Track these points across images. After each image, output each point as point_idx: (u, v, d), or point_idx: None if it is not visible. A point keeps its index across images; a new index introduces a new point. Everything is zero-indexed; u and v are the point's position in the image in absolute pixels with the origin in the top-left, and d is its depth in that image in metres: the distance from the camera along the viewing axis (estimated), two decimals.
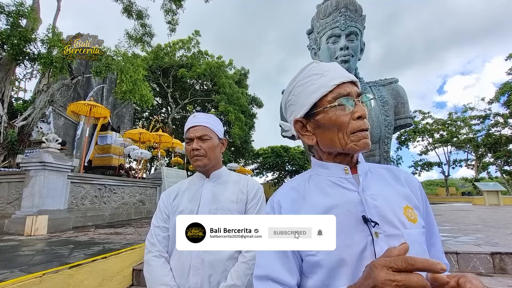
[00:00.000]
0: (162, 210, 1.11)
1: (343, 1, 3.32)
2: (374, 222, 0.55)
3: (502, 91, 23.60)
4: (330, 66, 0.66)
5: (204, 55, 23.19)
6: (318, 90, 0.62)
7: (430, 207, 0.67)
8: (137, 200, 7.85)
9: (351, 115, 0.60)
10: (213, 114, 1.19)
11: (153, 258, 1.01)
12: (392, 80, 3.58)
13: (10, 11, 8.46)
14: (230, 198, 1.07)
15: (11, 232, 4.57)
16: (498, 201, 15.25)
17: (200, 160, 1.07)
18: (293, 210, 0.62)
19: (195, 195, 1.09)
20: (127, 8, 13.73)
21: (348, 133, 0.60)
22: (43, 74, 10.01)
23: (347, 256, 0.53)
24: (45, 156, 5.02)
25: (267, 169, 37.51)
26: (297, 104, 0.68)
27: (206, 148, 1.08)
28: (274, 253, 0.58)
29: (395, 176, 0.67)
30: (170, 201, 1.12)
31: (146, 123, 22.95)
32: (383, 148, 3.29)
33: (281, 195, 0.66)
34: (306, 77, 0.65)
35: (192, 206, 1.06)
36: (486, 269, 2.62)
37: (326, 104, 0.61)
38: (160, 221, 1.09)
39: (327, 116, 0.61)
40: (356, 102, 0.61)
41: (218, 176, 1.14)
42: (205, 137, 1.08)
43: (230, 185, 1.12)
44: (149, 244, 1.05)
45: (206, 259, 0.98)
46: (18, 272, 2.14)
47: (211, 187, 1.10)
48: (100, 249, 3.10)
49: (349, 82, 0.62)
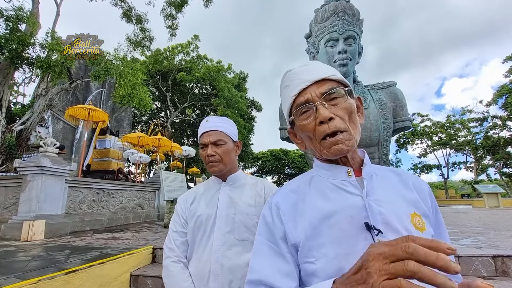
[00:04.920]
0: (180, 215, 1.10)
1: (340, 5, 3.35)
2: (377, 229, 0.51)
3: (500, 94, 23.76)
4: (297, 72, 0.62)
5: (203, 59, 23.30)
6: (286, 104, 0.63)
7: (440, 214, 0.63)
8: (135, 204, 7.80)
9: (315, 121, 0.57)
10: (228, 119, 1.17)
11: (172, 264, 1.01)
12: (390, 83, 3.59)
13: (9, 15, 8.48)
14: (248, 202, 1.06)
15: (8, 237, 4.51)
16: (498, 203, 15.23)
17: (215, 166, 1.06)
18: (292, 214, 0.59)
19: (212, 200, 1.08)
20: (127, 13, 13.83)
21: (318, 140, 0.57)
22: (41, 78, 10.01)
23: (347, 265, 0.49)
24: (43, 160, 4.99)
25: (266, 173, 37.46)
26: (284, 116, 0.69)
27: (221, 153, 1.05)
28: (270, 256, 0.56)
29: (403, 180, 0.63)
30: (188, 205, 1.10)
31: (145, 127, 22.94)
32: (382, 151, 3.29)
33: (280, 197, 0.63)
34: (281, 90, 0.66)
35: (210, 210, 1.05)
36: (488, 272, 2.60)
37: (294, 116, 0.61)
38: (178, 226, 1.07)
39: (298, 127, 0.61)
40: (318, 105, 0.56)
41: (235, 180, 1.12)
42: (220, 142, 1.06)
43: (247, 189, 1.11)
44: (168, 249, 1.04)
45: (226, 264, 0.96)
46: (13, 279, 2.10)
47: (228, 191, 1.08)
48: (98, 254, 3.06)
49: (314, 83, 0.58)
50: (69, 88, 10.26)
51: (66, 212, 5.51)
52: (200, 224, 1.03)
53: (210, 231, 1.02)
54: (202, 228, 1.03)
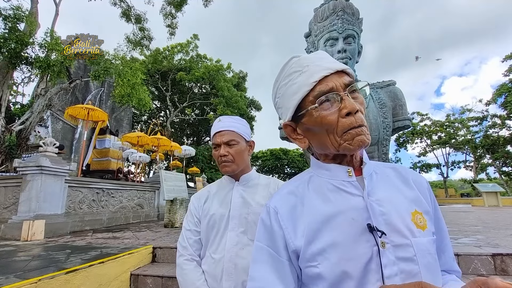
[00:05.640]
0: (193, 213, 1.10)
1: (340, 4, 3.34)
2: (380, 231, 0.50)
3: (499, 93, 23.78)
4: (312, 58, 0.57)
5: (203, 58, 23.27)
6: (299, 90, 0.56)
7: (439, 209, 0.62)
8: (135, 204, 7.80)
9: (339, 113, 0.52)
10: (241, 119, 1.14)
11: (185, 262, 1.01)
12: (390, 83, 3.59)
13: (7, 15, 8.46)
14: (260, 202, 1.05)
15: (7, 237, 4.51)
16: (497, 202, 15.25)
17: (228, 166, 1.05)
18: (291, 218, 0.57)
19: (225, 199, 1.08)
20: (126, 12, 13.81)
21: (339, 133, 0.53)
22: (41, 78, 9.98)
23: (350, 269, 0.48)
24: (43, 160, 4.98)
25: (266, 172, 37.50)
26: (283, 107, 0.62)
27: (234, 153, 1.05)
28: (270, 264, 0.54)
29: (403, 177, 0.61)
30: (201, 204, 1.10)
31: (145, 126, 22.92)
32: (381, 150, 3.29)
33: (278, 200, 0.60)
34: (287, 76, 0.59)
35: (223, 210, 1.05)
36: (487, 270, 2.61)
37: (309, 105, 0.55)
38: (192, 225, 1.08)
39: (312, 119, 0.55)
40: (343, 96, 0.53)
41: (248, 180, 1.11)
42: (232, 142, 1.05)
43: (260, 189, 1.10)
44: (181, 247, 1.05)
45: (239, 264, 0.96)
46: (13, 278, 2.11)
47: (241, 191, 1.08)
48: (98, 253, 3.06)
49: (334, 73, 0.54)
50: (68, 88, 10.25)
51: (66, 211, 5.51)
52: (213, 223, 1.04)
53: (223, 231, 1.02)
54: (215, 227, 1.03)
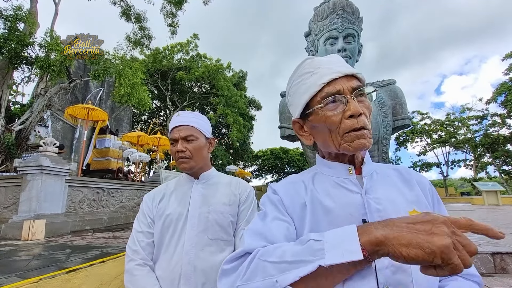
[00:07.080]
0: (146, 213, 1.02)
1: (340, 3, 3.34)
2: None
3: (499, 91, 23.77)
4: (324, 61, 0.61)
5: (203, 58, 23.24)
6: (308, 90, 0.60)
7: (444, 208, 0.62)
8: (135, 204, 7.81)
9: (343, 114, 0.56)
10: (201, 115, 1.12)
11: (136, 267, 0.93)
12: (389, 81, 3.59)
13: (7, 15, 8.45)
14: (222, 201, 1.02)
15: (8, 237, 4.52)
16: (497, 201, 15.27)
17: (186, 163, 1.01)
18: (292, 204, 0.60)
19: (183, 198, 1.03)
20: (125, 11, 13.78)
21: (340, 133, 0.56)
22: (41, 78, 9.97)
23: None
24: (43, 160, 4.98)
25: (266, 171, 37.51)
26: (293, 105, 0.66)
27: (192, 149, 1.01)
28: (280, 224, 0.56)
29: (405, 178, 0.63)
30: (155, 203, 1.04)
31: (145, 126, 22.92)
32: (381, 149, 3.29)
33: (282, 186, 0.65)
34: (300, 76, 0.63)
35: (181, 209, 1.00)
36: (487, 269, 2.61)
37: (316, 104, 0.59)
38: (144, 226, 1.00)
39: (317, 117, 0.59)
40: (349, 99, 0.56)
41: (208, 178, 1.08)
42: (191, 137, 1.01)
43: (221, 187, 1.07)
44: (131, 251, 0.96)
45: (199, 266, 0.92)
46: (14, 278, 2.11)
47: (200, 189, 1.04)
48: (98, 253, 3.07)
49: (343, 76, 0.58)
50: (68, 88, 10.24)
51: (66, 211, 5.52)
52: (169, 223, 0.98)
53: (180, 231, 0.96)
54: (171, 228, 0.97)
